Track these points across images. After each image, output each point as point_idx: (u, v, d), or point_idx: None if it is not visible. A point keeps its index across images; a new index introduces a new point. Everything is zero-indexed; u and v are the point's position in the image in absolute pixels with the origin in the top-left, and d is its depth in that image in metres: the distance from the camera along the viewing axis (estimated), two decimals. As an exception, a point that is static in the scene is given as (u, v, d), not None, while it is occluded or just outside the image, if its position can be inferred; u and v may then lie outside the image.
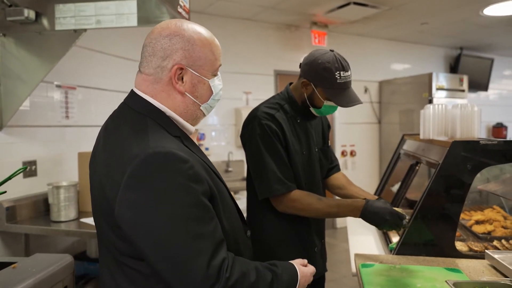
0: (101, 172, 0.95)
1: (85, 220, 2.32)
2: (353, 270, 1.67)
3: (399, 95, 5.58)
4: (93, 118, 3.03)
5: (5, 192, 1.19)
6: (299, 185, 1.66)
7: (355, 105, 1.56)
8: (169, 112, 1.00)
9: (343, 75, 1.53)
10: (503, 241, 1.80)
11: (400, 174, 2.52)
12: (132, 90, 1.03)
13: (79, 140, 2.86)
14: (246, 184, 1.79)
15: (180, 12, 2.01)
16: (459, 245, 1.74)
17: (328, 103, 1.60)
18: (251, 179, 1.70)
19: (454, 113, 2.03)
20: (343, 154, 5.56)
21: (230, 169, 4.49)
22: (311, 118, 1.74)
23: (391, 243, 1.86)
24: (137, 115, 0.98)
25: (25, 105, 2.39)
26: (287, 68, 4.97)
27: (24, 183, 2.42)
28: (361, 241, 2.01)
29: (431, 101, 5.01)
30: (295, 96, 1.69)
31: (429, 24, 5.10)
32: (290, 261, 1.11)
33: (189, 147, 0.98)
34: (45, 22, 2.09)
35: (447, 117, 2.07)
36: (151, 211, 0.85)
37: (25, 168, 1.27)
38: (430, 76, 5.08)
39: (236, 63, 4.63)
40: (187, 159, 0.89)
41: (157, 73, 0.99)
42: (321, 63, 1.54)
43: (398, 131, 5.36)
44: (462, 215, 2.18)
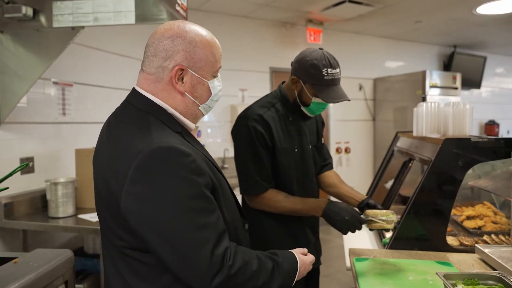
0: (105, 167, 0.98)
1: (83, 216, 2.34)
2: (348, 264, 1.71)
3: (393, 92, 5.63)
4: (90, 115, 3.04)
5: (8, 188, 1.21)
6: (289, 181, 1.71)
7: (342, 101, 1.59)
8: (170, 110, 1.03)
9: (330, 72, 1.57)
10: (492, 235, 1.85)
11: (394, 170, 2.56)
12: (134, 88, 1.06)
13: (76, 136, 2.87)
14: None
15: (178, 10, 2.02)
16: (450, 240, 1.79)
17: (316, 99, 1.63)
18: None
19: (446, 111, 2.07)
20: (338, 151, 5.60)
21: (225, 165, 4.50)
22: (304, 116, 1.76)
23: (384, 238, 1.91)
24: (139, 112, 1.01)
25: (22, 101, 2.39)
26: (282, 65, 5.00)
27: (22, 179, 2.43)
28: (355, 236, 2.04)
29: (424, 98, 5.05)
30: (288, 95, 1.73)
31: (423, 22, 5.15)
32: (290, 250, 1.15)
33: (190, 142, 1.01)
34: (42, 19, 2.09)
35: (440, 115, 2.11)
36: (156, 203, 0.88)
37: (26, 165, 1.29)
38: (423, 73, 5.13)
39: (232, 60, 4.64)
40: (189, 153, 0.92)
41: (158, 72, 1.02)
42: (309, 60, 1.59)
43: (392, 128, 5.41)
44: (453, 211, 2.22)
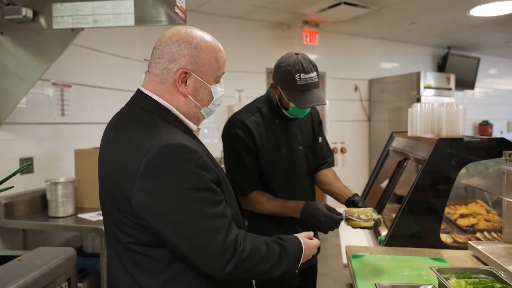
0: (113, 165, 1.01)
1: (83, 216, 2.36)
2: (344, 261, 1.75)
3: (388, 93, 5.68)
4: (88, 116, 3.06)
5: (12, 187, 1.23)
6: (274, 183, 1.75)
7: (319, 105, 1.60)
8: (173, 110, 1.08)
9: (303, 77, 1.58)
10: (485, 233, 1.90)
11: (389, 170, 2.60)
12: (139, 89, 1.11)
13: (74, 137, 2.89)
14: None
15: (177, 13, 2.05)
16: (444, 237, 1.83)
17: (293, 104, 1.65)
18: None
19: (440, 111, 2.12)
20: (334, 151, 5.65)
21: (222, 166, 4.50)
22: (289, 118, 1.78)
23: (380, 236, 1.95)
24: (145, 112, 1.06)
25: (21, 102, 2.41)
26: (279, 67, 5.03)
27: (21, 179, 2.44)
28: (351, 234, 2.09)
29: (419, 99, 5.11)
30: (273, 98, 1.76)
31: (417, 24, 5.21)
32: (295, 235, 1.20)
33: (195, 140, 1.06)
34: (42, 21, 2.11)
35: (434, 115, 2.15)
36: (168, 197, 0.93)
37: (29, 164, 1.31)
38: (418, 75, 5.19)
39: (229, 61, 4.52)
40: (197, 150, 0.98)
41: (163, 74, 1.06)
42: (283, 66, 1.63)
43: (388, 128, 5.46)
44: (447, 209, 2.27)
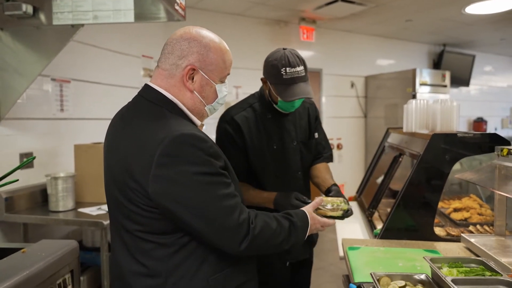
0: (124, 157, 1.06)
1: (83, 210, 2.39)
2: (341, 254, 1.79)
3: (384, 90, 5.73)
4: (87, 111, 3.07)
5: (18, 180, 1.26)
6: (263, 178, 1.77)
7: (307, 98, 1.64)
8: (180, 105, 1.13)
9: (289, 71, 1.60)
10: (477, 226, 1.95)
11: (385, 166, 2.64)
12: (146, 84, 1.16)
13: (73, 132, 2.91)
14: None
15: (177, 10, 2.07)
16: (438, 230, 1.88)
17: (280, 98, 1.67)
18: None
19: (434, 107, 2.16)
20: (331, 147, 5.69)
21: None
22: (282, 112, 1.80)
23: (375, 229, 1.99)
24: (153, 105, 1.11)
25: (21, 98, 2.42)
26: (276, 63, 5.05)
27: (21, 174, 2.46)
28: (348, 228, 2.14)
29: (414, 96, 5.16)
30: (265, 93, 1.79)
31: (413, 22, 5.25)
32: (302, 208, 1.31)
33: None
34: (42, 17, 2.12)
35: (428, 111, 2.20)
36: (184, 182, 1.00)
37: (33, 158, 1.34)
38: (414, 71, 5.24)
39: None
40: (207, 139, 1.05)
41: (172, 69, 1.12)
42: (270, 61, 1.65)
43: (383, 124, 5.50)
44: (442, 204, 2.32)
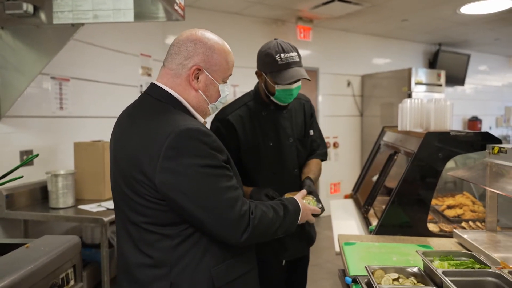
0: (133, 151, 1.10)
1: (83, 207, 2.42)
2: (337, 249, 1.83)
3: (380, 89, 5.78)
4: (86, 109, 3.10)
5: (22, 177, 1.29)
6: (264, 174, 1.79)
7: (301, 80, 1.65)
8: (184, 103, 1.18)
9: (283, 56, 1.64)
10: (470, 222, 2.00)
11: (381, 164, 2.69)
12: (152, 83, 1.21)
13: (73, 130, 2.94)
14: None
15: (176, 9, 2.10)
16: (431, 227, 1.93)
17: (278, 87, 1.70)
18: None
19: (429, 107, 2.21)
20: (327, 145, 5.73)
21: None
22: (278, 107, 1.82)
23: (371, 225, 2.04)
24: (159, 102, 1.16)
25: (21, 96, 2.44)
26: (273, 62, 5.08)
27: (21, 172, 2.46)
28: (344, 224, 2.19)
29: (410, 95, 5.21)
30: (260, 91, 1.82)
31: (409, 21, 5.30)
32: (293, 197, 1.41)
33: None
34: (43, 15, 2.15)
35: (423, 110, 2.24)
36: (189, 174, 1.05)
37: (37, 155, 1.38)
38: (409, 71, 5.29)
39: None
40: (211, 134, 1.11)
41: (178, 69, 1.17)
42: (263, 51, 1.70)
43: (379, 123, 5.55)
44: (435, 201, 2.37)
